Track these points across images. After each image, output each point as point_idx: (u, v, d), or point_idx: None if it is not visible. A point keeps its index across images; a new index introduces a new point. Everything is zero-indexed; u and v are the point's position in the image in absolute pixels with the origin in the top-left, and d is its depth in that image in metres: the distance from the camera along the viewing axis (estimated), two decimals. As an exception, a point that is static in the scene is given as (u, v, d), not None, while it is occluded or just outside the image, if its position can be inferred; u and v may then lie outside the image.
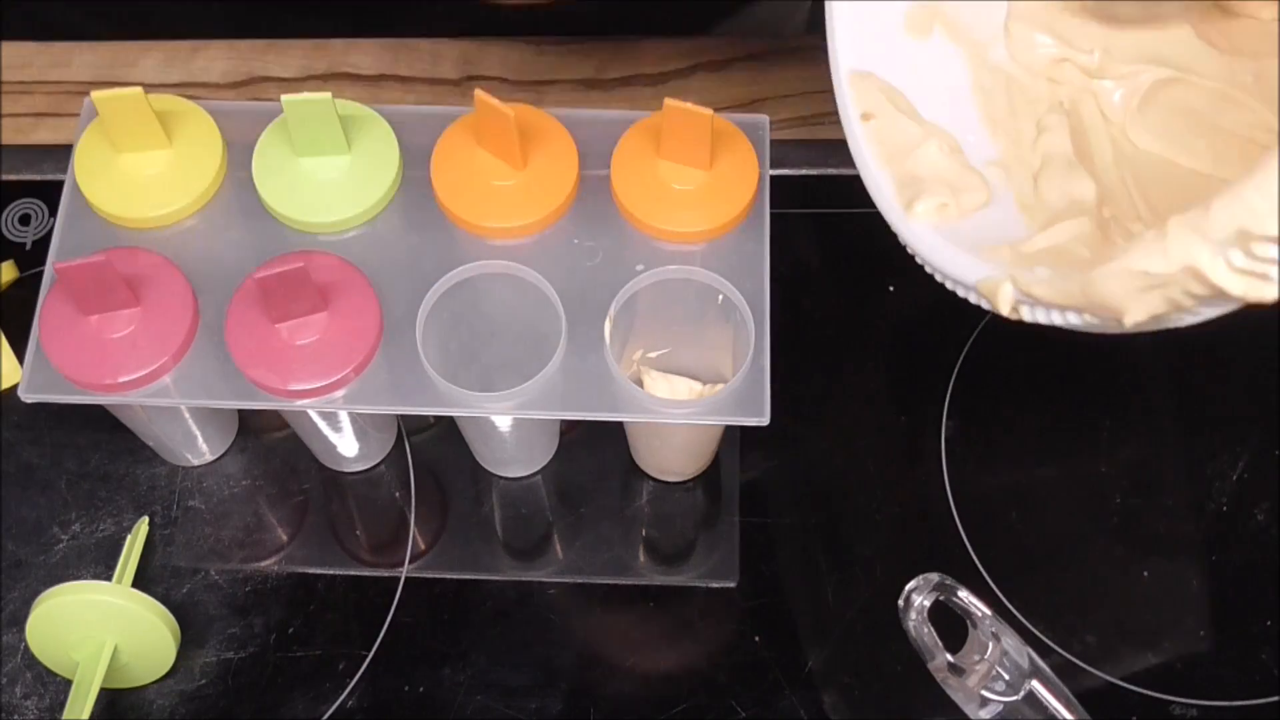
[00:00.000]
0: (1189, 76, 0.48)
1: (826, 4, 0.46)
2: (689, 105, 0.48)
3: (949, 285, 0.43)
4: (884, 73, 0.46)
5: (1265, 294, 0.32)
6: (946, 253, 0.42)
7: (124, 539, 0.55)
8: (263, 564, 0.56)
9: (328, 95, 0.49)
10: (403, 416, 0.59)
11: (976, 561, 0.56)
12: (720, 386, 0.49)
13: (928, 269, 0.44)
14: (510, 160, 0.51)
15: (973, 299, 0.42)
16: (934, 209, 0.43)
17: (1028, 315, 0.39)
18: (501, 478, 0.58)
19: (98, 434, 0.58)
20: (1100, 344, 0.61)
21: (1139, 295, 0.35)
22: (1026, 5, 0.49)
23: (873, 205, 0.47)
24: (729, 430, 0.57)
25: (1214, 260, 0.32)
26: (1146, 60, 0.49)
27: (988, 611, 0.51)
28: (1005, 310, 0.40)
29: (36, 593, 0.51)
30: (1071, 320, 0.38)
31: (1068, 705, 0.50)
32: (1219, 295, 0.33)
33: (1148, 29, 0.49)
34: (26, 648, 0.52)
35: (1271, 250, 0.31)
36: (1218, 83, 0.48)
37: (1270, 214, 0.30)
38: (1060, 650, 0.54)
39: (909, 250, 0.44)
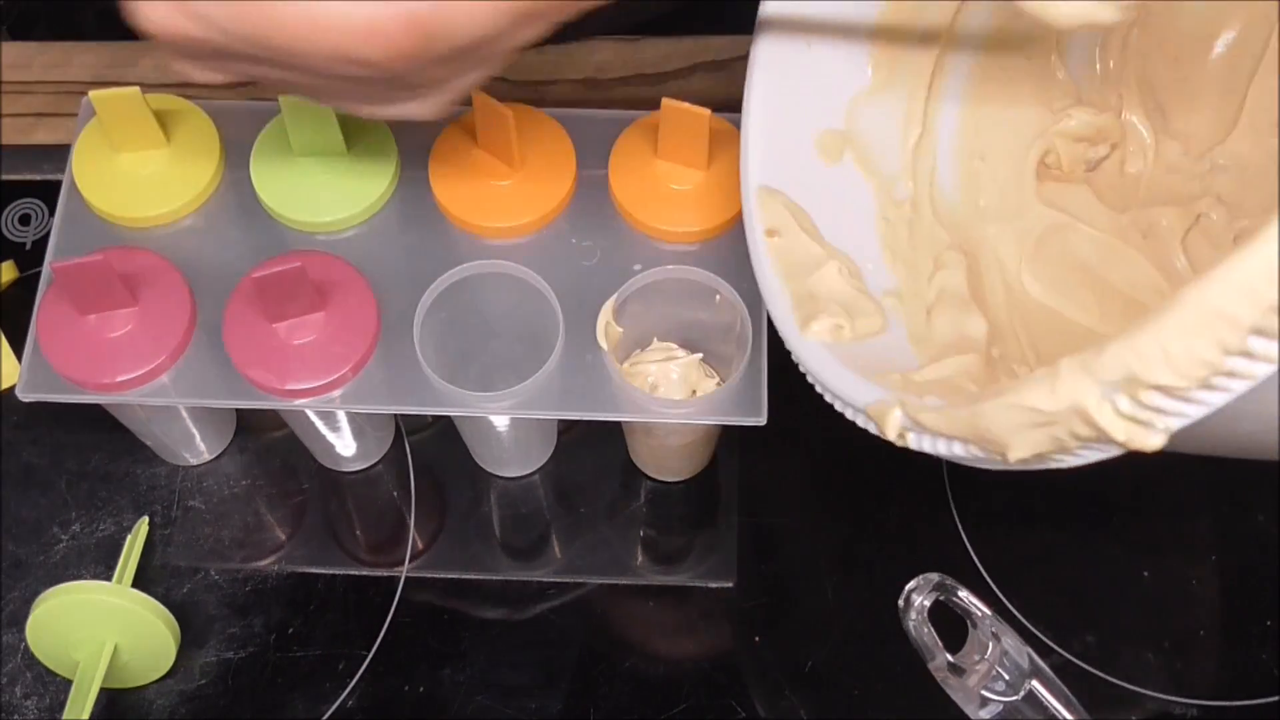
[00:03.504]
0: (1080, 225, 0.49)
1: (743, 119, 0.47)
2: (686, 105, 0.48)
3: (836, 405, 0.43)
4: (792, 192, 0.46)
5: (1148, 443, 0.32)
6: (837, 373, 0.42)
7: (124, 539, 0.55)
8: (262, 564, 0.56)
9: (325, 95, 0.49)
10: (401, 416, 0.59)
11: (976, 561, 0.56)
12: (720, 385, 0.49)
13: (816, 388, 0.43)
14: (508, 160, 0.51)
15: (860, 421, 0.41)
16: (828, 329, 0.44)
17: (914, 443, 0.39)
18: (500, 477, 0.58)
19: (97, 434, 0.58)
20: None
21: (1025, 432, 0.35)
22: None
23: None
24: (727, 430, 0.57)
25: (1101, 403, 0.32)
26: (1043, 203, 0.50)
27: (988, 611, 0.51)
28: (892, 436, 0.40)
29: (36, 593, 0.51)
30: (956, 451, 0.38)
31: (1068, 705, 0.50)
32: (1103, 439, 0.33)
33: (1049, 180, 0.50)
34: (26, 648, 0.52)
35: (1157, 399, 0.31)
36: (1107, 235, 0.49)
37: (1160, 362, 0.30)
38: (1060, 650, 0.54)
39: (800, 368, 0.44)
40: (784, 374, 0.50)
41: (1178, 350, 0.30)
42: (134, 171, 0.51)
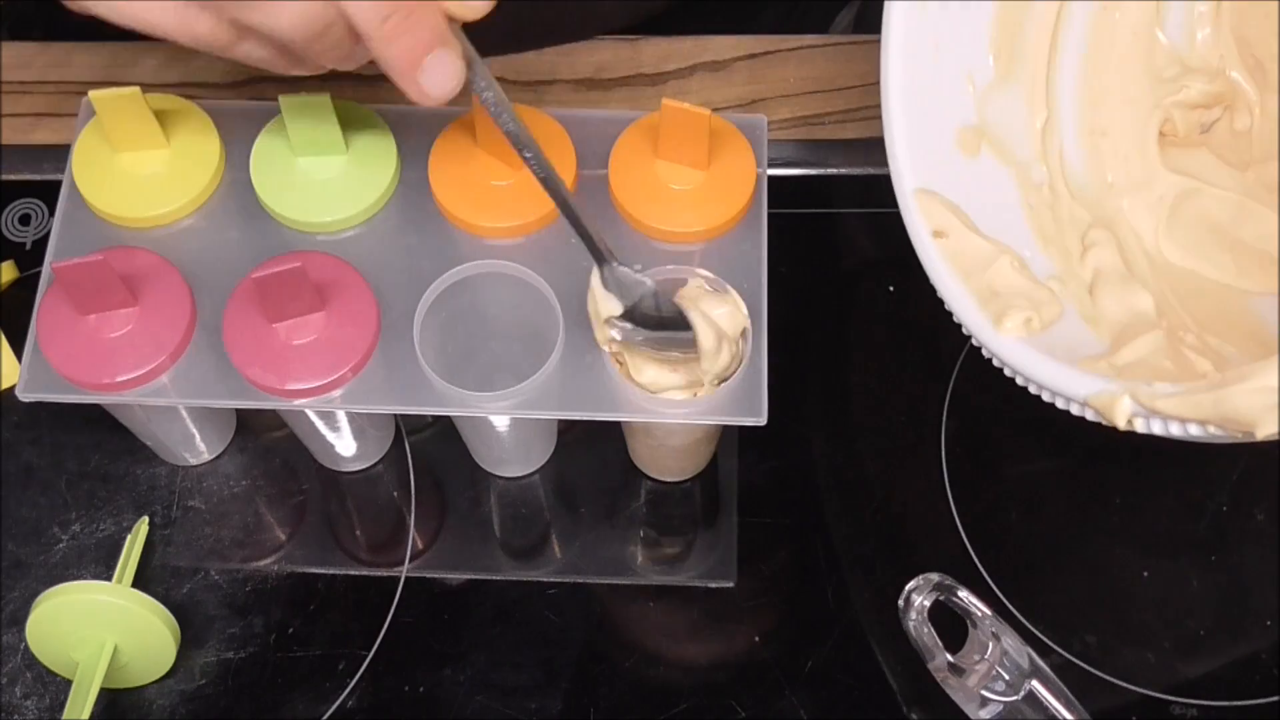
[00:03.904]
0: (1208, 188, 0.50)
1: (885, 123, 0.48)
2: (686, 105, 0.48)
3: (1045, 396, 0.44)
4: (945, 191, 0.48)
5: None
6: (1048, 367, 0.43)
7: (124, 539, 0.55)
8: (262, 564, 0.56)
9: (325, 95, 0.49)
10: (401, 416, 0.59)
11: (976, 561, 0.56)
12: (718, 384, 0.49)
13: (1022, 382, 0.45)
14: (508, 160, 0.51)
15: (1075, 410, 0.43)
16: (1021, 323, 0.45)
17: (1141, 427, 0.41)
18: (500, 477, 0.58)
19: (97, 434, 0.58)
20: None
21: (1272, 410, 0.36)
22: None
23: (871, 205, 0.47)
24: (727, 430, 0.57)
25: None
26: (1170, 170, 0.51)
27: (988, 611, 0.51)
28: (1121, 424, 0.41)
29: (36, 593, 0.51)
30: (1193, 431, 0.39)
31: (1068, 705, 0.50)
32: None
33: (1168, 146, 0.51)
34: (26, 648, 0.52)
35: None
36: (1235, 193, 0.49)
37: None
38: (1060, 650, 0.54)
39: (999, 364, 0.45)
40: (784, 374, 0.50)
41: None
42: (134, 171, 0.51)
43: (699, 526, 0.58)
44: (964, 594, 0.51)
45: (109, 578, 0.54)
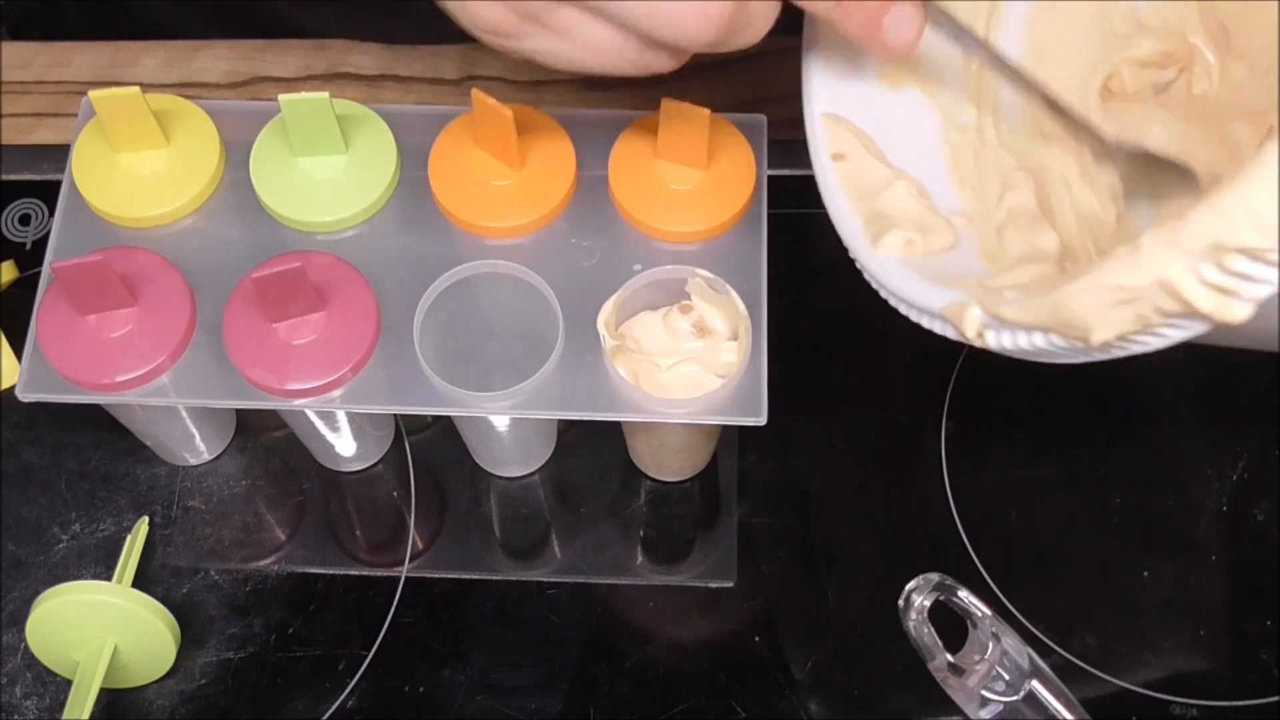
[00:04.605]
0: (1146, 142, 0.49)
1: (804, 50, 0.47)
2: (686, 105, 0.48)
3: (911, 315, 0.43)
4: (856, 119, 0.47)
5: (1234, 314, 0.32)
6: (910, 282, 0.43)
7: (124, 539, 0.55)
8: (262, 564, 0.56)
9: (325, 95, 0.49)
10: (401, 416, 0.59)
11: (976, 561, 0.56)
12: (718, 383, 0.49)
13: (889, 299, 0.44)
14: (508, 160, 0.51)
15: (936, 327, 0.42)
16: (900, 243, 0.44)
17: (993, 341, 0.39)
18: (500, 477, 0.58)
19: (97, 434, 0.58)
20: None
21: (1108, 311, 0.34)
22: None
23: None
24: (727, 430, 0.57)
25: (1186, 274, 0.32)
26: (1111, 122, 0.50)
27: (988, 611, 0.51)
28: (970, 334, 0.40)
29: (36, 593, 0.51)
30: (1038, 343, 0.38)
31: (1068, 705, 0.50)
32: (1189, 312, 0.32)
33: (1111, 101, 0.51)
34: (26, 648, 0.52)
35: (1244, 265, 0.31)
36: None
37: (1247, 224, 0.30)
38: (1060, 650, 0.54)
39: (870, 281, 0.45)
40: (784, 374, 0.50)
41: (1265, 210, 0.29)
42: (134, 171, 0.51)
43: (699, 526, 0.58)
44: (964, 594, 0.51)
45: (109, 578, 0.54)
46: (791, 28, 0.72)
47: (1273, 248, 0.30)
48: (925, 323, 0.42)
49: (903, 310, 0.43)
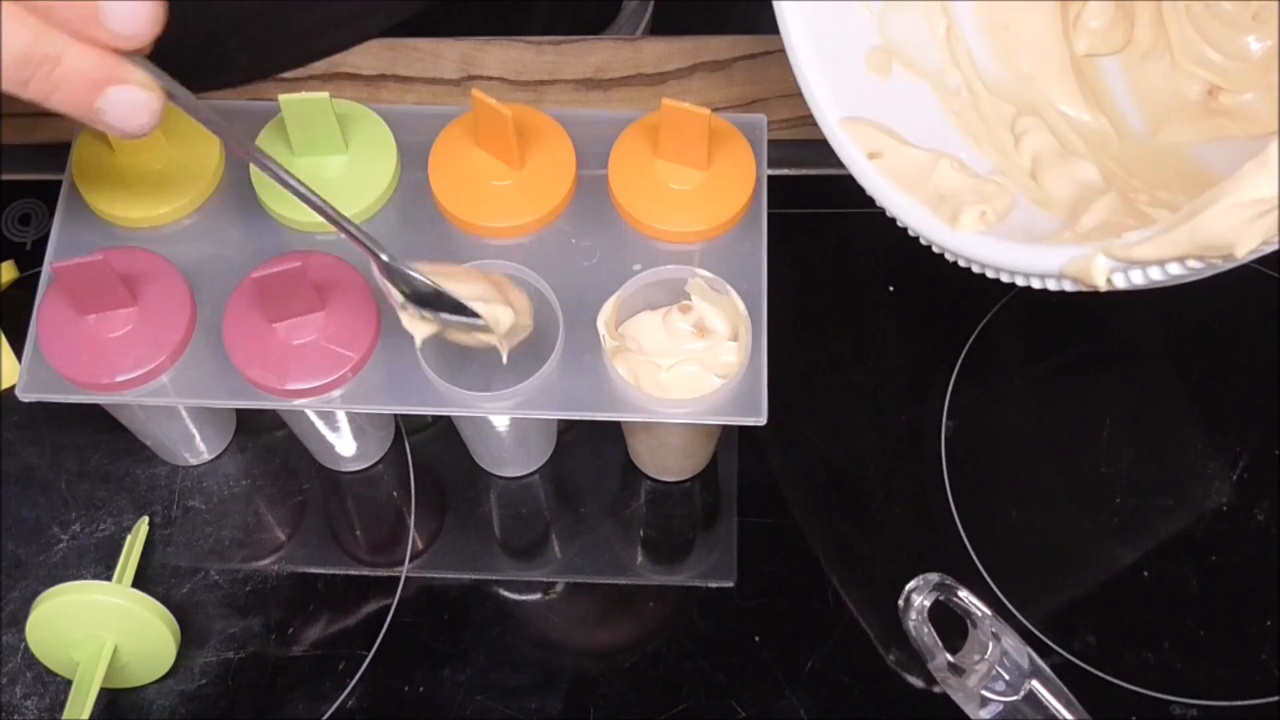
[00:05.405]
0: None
1: (794, 66, 0.48)
2: (686, 105, 0.48)
3: (1019, 281, 0.43)
4: (868, 114, 0.48)
5: None
6: (1015, 251, 0.43)
7: (124, 539, 0.55)
8: (262, 564, 0.56)
9: (325, 95, 0.49)
10: (401, 416, 0.59)
11: (976, 561, 0.56)
12: (718, 383, 0.49)
13: (992, 273, 0.44)
14: (508, 160, 0.51)
15: (1052, 285, 0.42)
16: (976, 218, 0.45)
17: (1121, 282, 0.40)
18: (500, 477, 0.58)
19: (97, 434, 0.58)
20: (1100, 343, 0.61)
21: (1250, 225, 0.36)
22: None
23: (871, 205, 0.47)
24: (727, 430, 0.57)
25: None
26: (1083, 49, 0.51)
27: (988, 611, 0.51)
28: (1100, 283, 0.41)
29: (36, 593, 0.51)
30: (1173, 271, 0.39)
31: (1068, 705, 0.50)
32: None
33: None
34: (26, 648, 0.52)
35: None
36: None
37: None
38: (1060, 650, 0.54)
39: (965, 262, 0.45)
40: (784, 374, 0.50)
41: None
42: (134, 171, 0.51)
43: (699, 526, 0.58)
44: (964, 594, 0.51)
45: (109, 578, 0.54)
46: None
47: None
48: (1037, 284, 0.43)
49: (1006, 279, 0.44)
